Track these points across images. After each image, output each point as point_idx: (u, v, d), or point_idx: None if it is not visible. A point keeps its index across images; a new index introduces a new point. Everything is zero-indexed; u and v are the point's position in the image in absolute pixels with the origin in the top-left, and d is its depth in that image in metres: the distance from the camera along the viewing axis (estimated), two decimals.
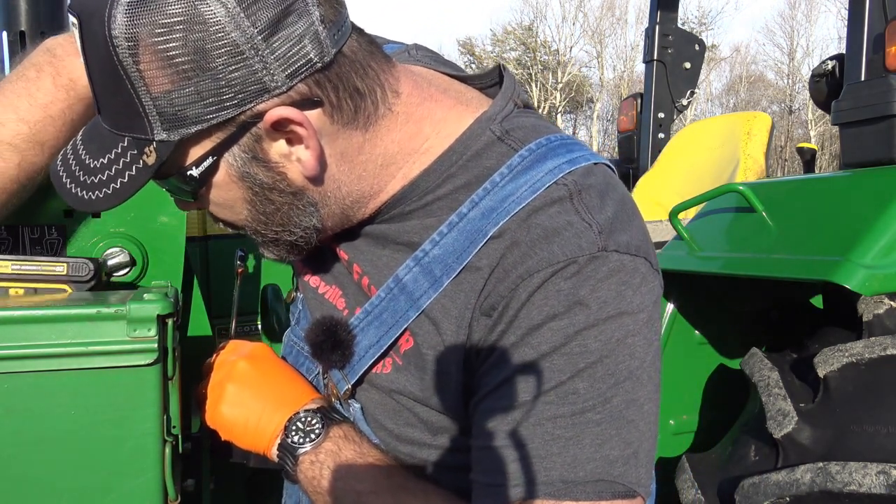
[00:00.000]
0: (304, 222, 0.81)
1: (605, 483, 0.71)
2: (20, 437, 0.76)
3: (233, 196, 0.79)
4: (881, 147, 2.05)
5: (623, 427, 0.73)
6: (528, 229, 0.74)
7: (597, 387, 0.72)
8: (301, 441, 0.84)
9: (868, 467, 1.53)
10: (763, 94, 39.27)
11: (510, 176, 0.77)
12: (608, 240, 0.74)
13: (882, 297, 1.76)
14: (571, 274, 0.72)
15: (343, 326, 0.86)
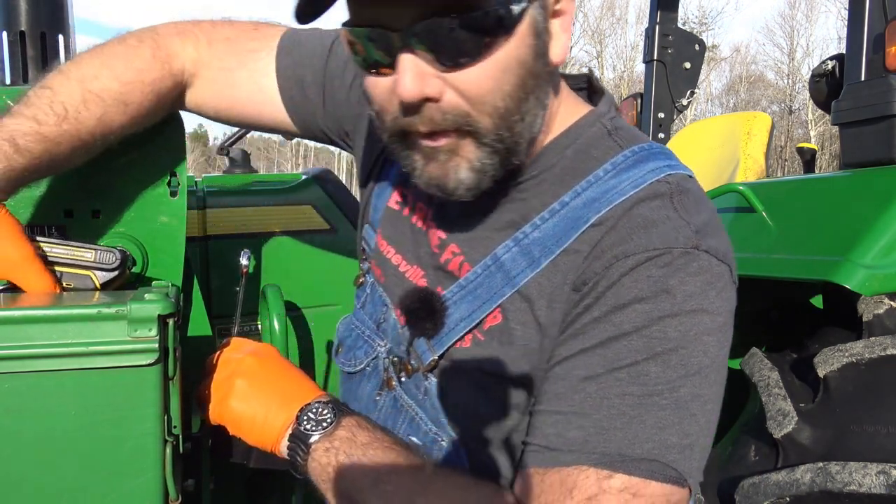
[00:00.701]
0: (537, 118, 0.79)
1: (659, 465, 0.72)
2: (20, 437, 0.76)
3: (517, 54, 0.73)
4: (881, 147, 2.05)
5: (685, 418, 0.74)
6: (629, 218, 0.78)
7: (668, 374, 0.74)
8: (313, 428, 0.85)
9: (868, 467, 1.53)
10: (763, 94, 39.27)
11: (613, 172, 0.82)
12: (701, 240, 0.77)
13: (882, 297, 1.76)
14: (664, 263, 0.75)
15: (437, 297, 0.88)
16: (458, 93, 0.73)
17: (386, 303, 0.98)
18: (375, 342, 0.99)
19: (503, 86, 0.74)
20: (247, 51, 1.07)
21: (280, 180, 1.73)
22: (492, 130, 0.75)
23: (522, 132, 0.78)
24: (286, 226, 1.58)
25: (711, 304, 0.76)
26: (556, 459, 0.75)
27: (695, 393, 0.75)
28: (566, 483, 0.73)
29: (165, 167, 1.07)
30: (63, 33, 1.23)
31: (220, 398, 0.91)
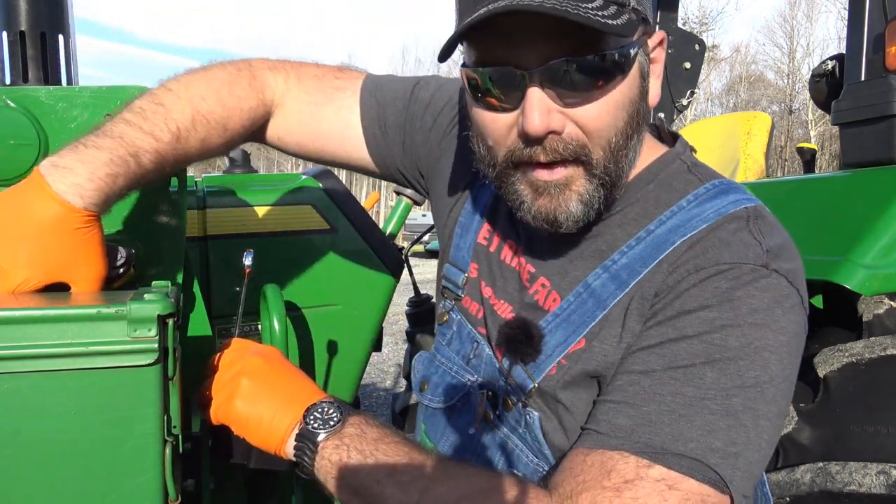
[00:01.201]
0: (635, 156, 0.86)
1: (700, 464, 0.74)
2: (20, 437, 0.75)
3: (630, 94, 0.81)
4: (881, 147, 2.05)
5: (734, 427, 0.76)
6: (707, 239, 0.83)
7: (723, 381, 0.76)
8: (321, 427, 0.85)
9: (868, 467, 1.53)
10: (763, 94, 39.25)
11: (696, 202, 0.88)
12: (773, 260, 0.81)
13: (882, 297, 1.76)
14: (732, 276, 0.80)
15: (535, 325, 0.92)
16: (579, 126, 0.80)
17: (476, 339, 1.02)
18: (465, 378, 1.02)
19: (617, 122, 0.81)
20: (333, 88, 1.14)
21: (280, 180, 1.73)
22: (602, 162, 0.82)
23: (625, 167, 0.85)
24: (286, 226, 1.58)
25: (777, 321, 0.79)
26: (601, 442, 0.78)
27: (748, 405, 0.76)
28: (606, 465, 0.75)
29: None
30: (63, 33, 1.23)
31: (224, 398, 0.91)
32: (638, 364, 0.81)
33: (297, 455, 0.87)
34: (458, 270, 1.07)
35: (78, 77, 1.27)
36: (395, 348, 6.85)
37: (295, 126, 1.13)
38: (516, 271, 0.99)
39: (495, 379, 0.97)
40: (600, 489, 0.74)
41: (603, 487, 0.74)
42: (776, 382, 0.78)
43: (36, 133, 1.00)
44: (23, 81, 1.19)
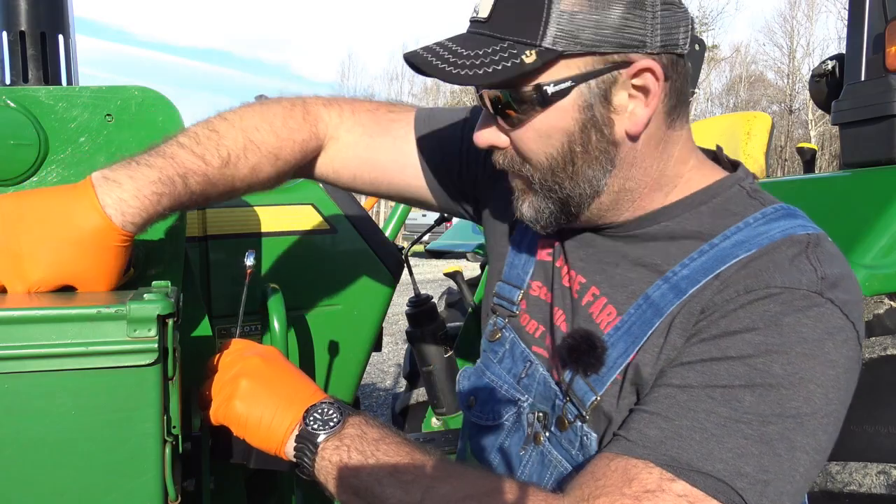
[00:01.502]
0: (594, 179, 0.88)
1: (726, 487, 0.72)
2: (20, 437, 0.75)
3: (560, 125, 0.85)
4: (881, 147, 2.05)
5: (766, 454, 0.73)
6: (763, 259, 0.82)
7: (761, 407, 0.74)
8: (321, 428, 0.86)
9: (868, 467, 1.53)
10: (763, 94, 39.24)
11: (763, 220, 0.86)
12: (828, 290, 0.79)
13: (882, 297, 1.76)
14: (783, 301, 0.77)
15: (598, 336, 0.90)
16: (515, 148, 0.89)
17: (530, 359, 1.01)
18: (516, 397, 1.01)
19: (546, 148, 0.86)
20: (388, 120, 1.17)
21: None
22: (540, 181, 0.89)
23: (576, 187, 0.88)
24: (286, 226, 1.58)
25: (826, 354, 0.76)
26: (628, 450, 0.76)
27: (785, 435, 0.74)
28: (629, 473, 0.74)
29: None
30: (63, 33, 1.23)
31: (224, 399, 0.91)
32: (676, 378, 0.79)
33: (297, 456, 0.87)
34: (513, 287, 1.07)
35: (78, 77, 1.27)
36: (395, 348, 6.85)
37: (350, 158, 1.15)
38: (568, 286, 0.99)
39: (548, 399, 0.96)
40: (619, 495, 0.73)
41: (622, 494, 0.73)
42: (818, 416, 0.75)
43: (36, 133, 1.00)
44: (23, 81, 1.19)
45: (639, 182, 0.90)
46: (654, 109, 0.85)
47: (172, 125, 1.08)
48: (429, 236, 5.72)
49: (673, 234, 0.90)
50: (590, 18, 0.80)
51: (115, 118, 1.04)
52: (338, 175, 1.17)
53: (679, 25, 0.84)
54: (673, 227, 0.90)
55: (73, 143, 1.03)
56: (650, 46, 0.82)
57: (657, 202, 0.92)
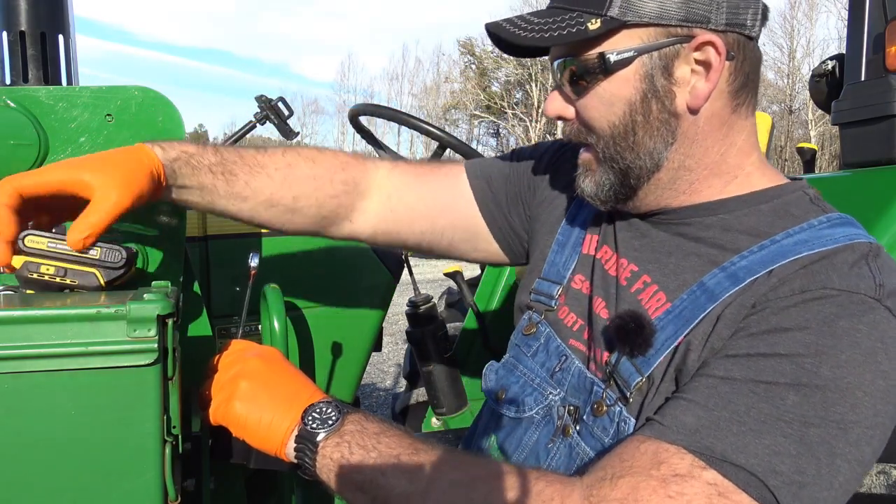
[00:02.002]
0: (654, 152, 0.90)
1: (758, 482, 0.70)
2: (20, 437, 0.75)
3: (622, 93, 0.88)
4: (881, 147, 2.05)
5: (805, 455, 0.72)
6: (824, 262, 0.81)
7: (804, 409, 0.72)
8: (319, 427, 0.86)
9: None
10: (763, 94, 39.24)
11: (828, 224, 0.86)
12: (886, 297, 0.78)
13: None
14: (838, 303, 0.76)
15: (647, 317, 0.89)
16: (580, 117, 0.93)
17: (565, 353, 1.01)
18: (547, 391, 1.01)
19: (609, 116, 0.90)
20: (436, 165, 1.25)
21: None
22: (603, 149, 0.92)
23: (636, 158, 0.90)
24: None
25: (879, 363, 0.74)
26: (661, 434, 0.75)
27: (826, 440, 0.72)
28: (659, 456, 0.73)
29: None
30: (63, 33, 1.23)
31: (223, 400, 0.91)
32: (720, 370, 0.78)
33: (297, 456, 0.87)
34: (552, 283, 1.08)
35: (78, 77, 1.27)
36: (395, 348, 6.85)
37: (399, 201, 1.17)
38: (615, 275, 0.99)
39: (582, 391, 0.95)
40: (645, 476, 0.71)
41: (649, 475, 0.71)
42: (863, 427, 0.73)
43: (36, 133, 1.00)
44: (23, 81, 1.19)
45: (699, 162, 0.91)
46: (715, 85, 0.86)
47: (172, 125, 1.08)
48: None
49: (730, 227, 0.90)
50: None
51: (115, 118, 1.04)
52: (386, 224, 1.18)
53: (749, 7, 0.86)
54: (731, 221, 0.90)
55: (73, 143, 1.03)
56: (714, 23, 0.84)
57: (715, 191, 0.92)
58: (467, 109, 44.10)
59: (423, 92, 49.35)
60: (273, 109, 2.21)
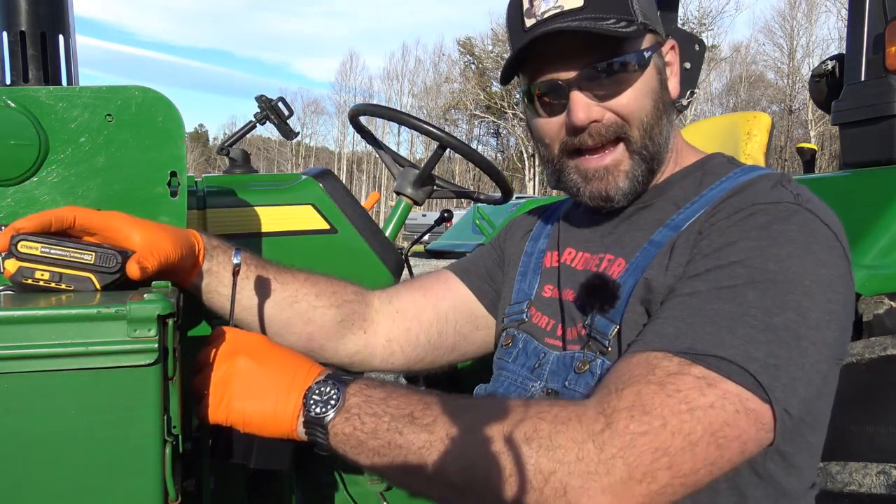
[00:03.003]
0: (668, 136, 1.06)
1: (739, 369, 0.79)
2: (20, 437, 0.76)
3: (651, 85, 1.03)
4: (881, 147, 2.05)
5: (774, 341, 0.81)
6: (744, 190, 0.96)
7: (764, 301, 0.83)
8: (324, 410, 0.86)
9: (868, 467, 1.53)
10: (763, 94, 39.25)
11: (743, 172, 1.03)
12: (805, 202, 0.91)
13: (882, 297, 1.76)
14: (769, 213, 0.90)
15: (610, 276, 1.03)
16: (616, 113, 1.02)
17: (543, 351, 1.10)
18: (529, 385, 1.08)
19: (646, 105, 1.02)
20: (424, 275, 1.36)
21: (280, 180, 1.73)
22: (639, 138, 1.03)
23: (662, 143, 1.05)
24: (286, 226, 1.58)
25: (815, 254, 0.86)
26: (646, 346, 0.84)
27: (789, 326, 0.81)
28: (651, 363, 0.81)
29: (165, 167, 1.08)
30: (63, 33, 1.23)
31: (220, 400, 0.91)
32: (686, 288, 0.88)
33: (310, 439, 0.88)
34: (520, 302, 1.19)
35: (78, 77, 1.27)
36: None
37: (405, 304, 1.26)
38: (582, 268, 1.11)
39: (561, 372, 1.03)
40: (645, 383, 0.79)
41: (648, 382, 0.79)
42: (819, 311, 0.83)
43: (36, 133, 1.00)
44: (23, 81, 1.19)
45: (670, 144, 1.08)
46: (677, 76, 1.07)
47: (172, 125, 1.08)
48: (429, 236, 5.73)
49: (676, 199, 1.05)
50: (648, 4, 1.04)
51: (116, 118, 1.04)
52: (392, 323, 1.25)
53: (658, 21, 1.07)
54: (676, 194, 1.06)
55: (74, 143, 1.03)
56: (661, 31, 1.07)
57: (668, 171, 1.09)
58: (467, 109, 44.09)
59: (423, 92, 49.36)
60: (273, 109, 2.21)
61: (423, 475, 0.82)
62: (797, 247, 0.86)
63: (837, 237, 0.90)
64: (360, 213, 1.65)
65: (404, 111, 1.73)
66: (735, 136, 3.12)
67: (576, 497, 0.76)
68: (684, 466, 0.77)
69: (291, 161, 56.40)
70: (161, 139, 1.06)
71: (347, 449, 0.86)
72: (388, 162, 1.86)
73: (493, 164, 1.81)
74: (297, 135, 2.36)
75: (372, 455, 0.84)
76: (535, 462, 0.77)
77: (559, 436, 0.77)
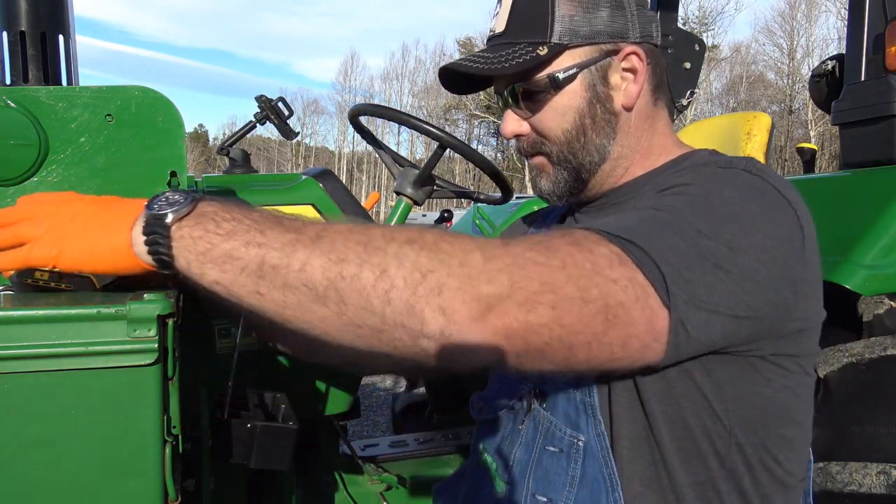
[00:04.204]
0: (601, 147, 1.05)
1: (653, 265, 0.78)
2: (20, 437, 0.76)
3: (572, 104, 1.04)
4: (881, 147, 2.05)
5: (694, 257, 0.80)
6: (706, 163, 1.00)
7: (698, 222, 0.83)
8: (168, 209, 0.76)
9: (868, 467, 1.53)
10: (763, 94, 39.25)
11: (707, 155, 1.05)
12: (758, 172, 0.92)
13: (882, 297, 1.76)
14: (720, 168, 0.94)
15: None
16: (534, 130, 1.07)
17: None
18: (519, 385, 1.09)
19: (563, 123, 1.05)
20: None
21: (280, 180, 1.73)
22: (558, 153, 1.06)
23: (587, 156, 1.06)
24: None
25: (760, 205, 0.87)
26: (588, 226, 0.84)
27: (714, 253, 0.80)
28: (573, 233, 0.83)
29: (165, 167, 1.08)
30: (63, 33, 1.23)
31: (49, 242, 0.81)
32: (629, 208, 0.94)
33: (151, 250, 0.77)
34: None
35: (78, 77, 1.27)
36: None
37: None
38: None
39: None
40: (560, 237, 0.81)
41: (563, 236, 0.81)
42: (753, 258, 0.82)
43: (36, 133, 1.00)
44: (23, 81, 1.19)
45: (633, 149, 1.07)
46: (642, 86, 1.04)
47: (172, 125, 1.08)
48: None
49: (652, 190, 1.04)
50: (584, 17, 1.01)
51: (116, 118, 1.04)
52: None
53: (651, 22, 1.06)
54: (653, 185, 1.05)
55: (74, 143, 1.03)
56: (632, 37, 1.03)
57: (645, 170, 1.09)
58: (467, 109, 44.10)
59: (423, 92, 49.35)
60: (273, 109, 2.21)
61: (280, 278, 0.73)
62: (739, 191, 0.87)
63: (790, 204, 0.89)
64: (361, 213, 1.66)
65: (404, 111, 1.73)
66: (735, 136, 3.12)
67: (450, 298, 0.71)
68: (568, 316, 0.75)
69: (291, 161, 56.39)
70: (161, 139, 1.06)
71: (192, 257, 0.75)
72: (388, 162, 1.86)
73: (493, 164, 1.81)
74: (297, 135, 2.36)
75: (222, 261, 0.74)
76: (413, 259, 0.72)
77: (445, 243, 0.74)
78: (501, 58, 1.01)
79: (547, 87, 1.03)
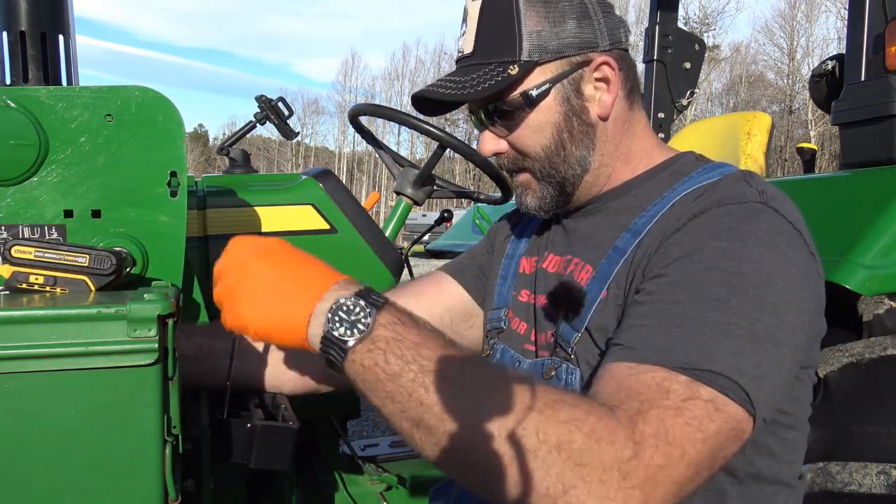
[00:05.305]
0: (581, 159, 1.06)
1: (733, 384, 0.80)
2: (20, 437, 0.76)
3: (548, 119, 1.04)
4: (881, 147, 2.05)
5: (758, 351, 0.82)
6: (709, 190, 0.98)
7: (745, 307, 0.83)
8: (349, 333, 0.80)
9: (868, 467, 1.53)
10: (763, 94, 39.25)
11: (703, 171, 1.04)
12: (770, 200, 0.93)
13: (882, 297, 1.76)
14: (735, 213, 0.91)
15: (575, 283, 1.06)
16: (514, 148, 1.08)
17: (518, 359, 1.14)
18: None
19: (541, 139, 1.05)
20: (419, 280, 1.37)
21: (280, 180, 1.73)
22: (540, 168, 1.07)
23: (569, 169, 1.06)
24: (286, 226, 1.58)
25: (783, 252, 0.88)
26: (643, 357, 0.82)
27: (769, 332, 0.83)
28: (662, 385, 0.80)
29: (165, 167, 1.08)
30: (63, 33, 1.23)
31: (230, 307, 0.87)
32: (665, 294, 0.87)
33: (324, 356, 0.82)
34: (499, 308, 1.22)
35: (78, 77, 1.27)
36: None
37: None
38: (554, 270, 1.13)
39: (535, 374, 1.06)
40: (664, 408, 0.78)
41: (665, 406, 0.78)
42: (794, 312, 0.85)
43: (36, 133, 1.00)
44: (23, 81, 1.19)
45: (613, 156, 1.08)
46: (616, 95, 1.05)
47: (172, 125, 1.08)
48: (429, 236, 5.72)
49: (640, 198, 1.06)
50: (551, 32, 1.01)
51: (115, 118, 1.04)
52: None
53: (619, 28, 1.05)
54: (640, 194, 1.07)
55: (74, 143, 1.03)
56: (602, 45, 1.03)
57: (627, 173, 1.09)
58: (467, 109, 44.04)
59: None
60: (273, 109, 2.21)
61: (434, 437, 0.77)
62: (765, 246, 0.87)
63: (801, 235, 0.92)
64: (360, 213, 1.66)
65: (404, 111, 1.73)
66: (735, 136, 3.12)
67: None
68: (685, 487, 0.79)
69: (291, 161, 56.38)
70: (161, 139, 1.06)
71: (360, 380, 0.81)
72: (388, 162, 1.86)
73: (493, 164, 1.81)
74: (297, 135, 2.36)
75: (385, 397, 0.79)
76: (559, 471, 0.74)
77: (589, 454, 0.75)
78: (473, 80, 1.01)
79: (521, 105, 1.03)
